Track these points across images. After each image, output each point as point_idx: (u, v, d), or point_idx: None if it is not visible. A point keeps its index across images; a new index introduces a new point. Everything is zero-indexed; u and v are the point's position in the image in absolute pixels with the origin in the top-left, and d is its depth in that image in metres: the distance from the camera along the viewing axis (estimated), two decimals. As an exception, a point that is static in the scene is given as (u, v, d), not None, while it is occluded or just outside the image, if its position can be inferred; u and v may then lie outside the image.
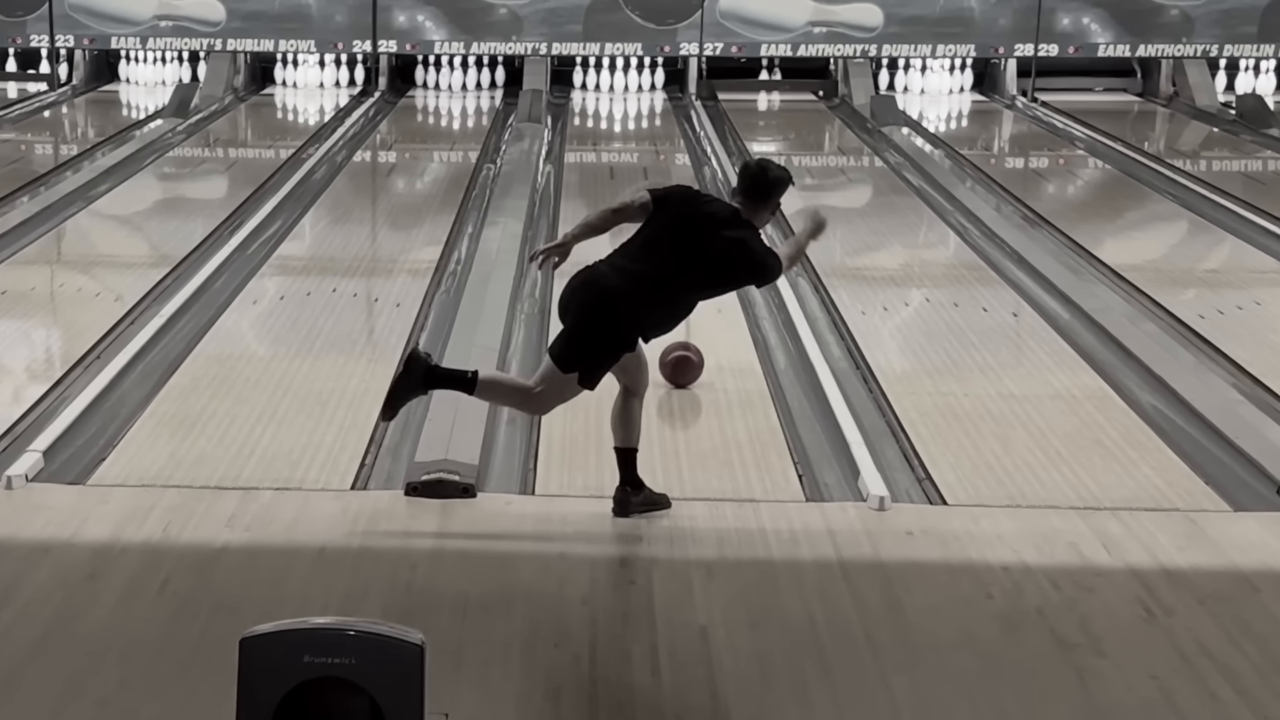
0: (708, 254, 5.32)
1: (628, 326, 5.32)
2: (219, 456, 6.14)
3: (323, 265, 9.77)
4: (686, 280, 5.34)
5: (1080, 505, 5.75)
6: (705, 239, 5.34)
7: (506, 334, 7.87)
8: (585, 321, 5.32)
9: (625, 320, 5.31)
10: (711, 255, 5.33)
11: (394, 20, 17.45)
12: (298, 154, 13.60)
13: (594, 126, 16.46)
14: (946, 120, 16.96)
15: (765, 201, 5.53)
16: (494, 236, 9.95)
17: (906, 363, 7.76)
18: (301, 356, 7.65)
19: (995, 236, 10.40)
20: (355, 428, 6.50)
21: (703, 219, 5.41)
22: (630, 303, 5.28)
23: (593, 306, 5.30)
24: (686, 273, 5.32)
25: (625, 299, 5.27)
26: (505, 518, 5.53)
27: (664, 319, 5.39)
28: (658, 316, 5.36)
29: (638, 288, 5.28)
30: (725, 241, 5.36)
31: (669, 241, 5.34)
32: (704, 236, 5.35)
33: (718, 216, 5.44)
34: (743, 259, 5.39)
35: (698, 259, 5.32)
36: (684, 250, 5.33)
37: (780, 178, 5.56)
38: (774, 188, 5.53)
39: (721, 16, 17.41)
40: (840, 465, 6.20)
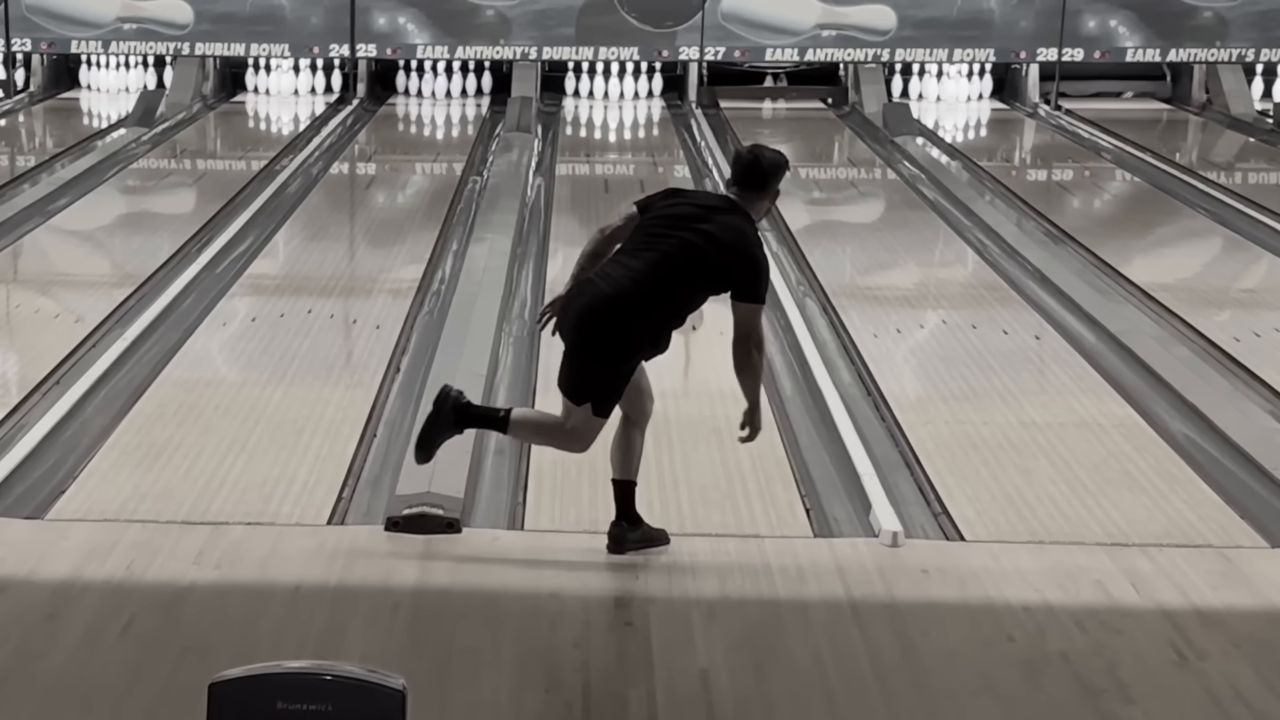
0: (699, 242, 5.31)
1: (626, 333, 5.31)
2: (186, 489, 6.16)
3: (297, 285, 9.79)
4: (681, 274, 5.30)
5: (1107, 541, 5.77)
6: (695, 226, 5.34)
7: (494, 358, 7.89)
8: (581, 338, 5.33)
9: (622, 325, 5.30)
10: (703, 243, 5.30)
11: (373, 23, 17.50)
12: (271, 166, 13.64)
13: (587, 136, 16.51)
14: (964, 130, 17.02)
15: (762, 190, 5.47)
16: (480, 254, 9.98)
17: (921, 389, 7.79)
18: (275, 382, 7.68)
19: (1016, 254, 10.44)
20: (332, 458, 6.52)
21: (691, 207, 5.44)
22: (624, 305, 5.29)
23: (586, 319, 5.31)
24: (680, 265, 5.30)
25: (618, 302, 5.28)
26: (492, 554, 5.55)
27: (663, 320, 5.34)
28: (656, 318, 5.31)
29: (632, 288, 5.28)
30: (718, 226, 5.34)
31: (659, 236, 5.36)
32: (694, 223, 5.35)
33: (708, 205, 5.47)
34: (738, 245, 5.32)
35: (689, 248, 5.31)
36: (674, 241, 5.33)
37: (777, 162, 5.50)
38: (771, 174, 5.47)
39: (723, 19, 17.47)
40: (850, 498, 6.22)
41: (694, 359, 8.07)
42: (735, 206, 5.43)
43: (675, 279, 5.32)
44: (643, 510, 5.57)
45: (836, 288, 9.55)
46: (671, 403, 7.12)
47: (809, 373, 7.76)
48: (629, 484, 5.51)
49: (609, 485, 5.53)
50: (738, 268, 5.31)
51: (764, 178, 5.47)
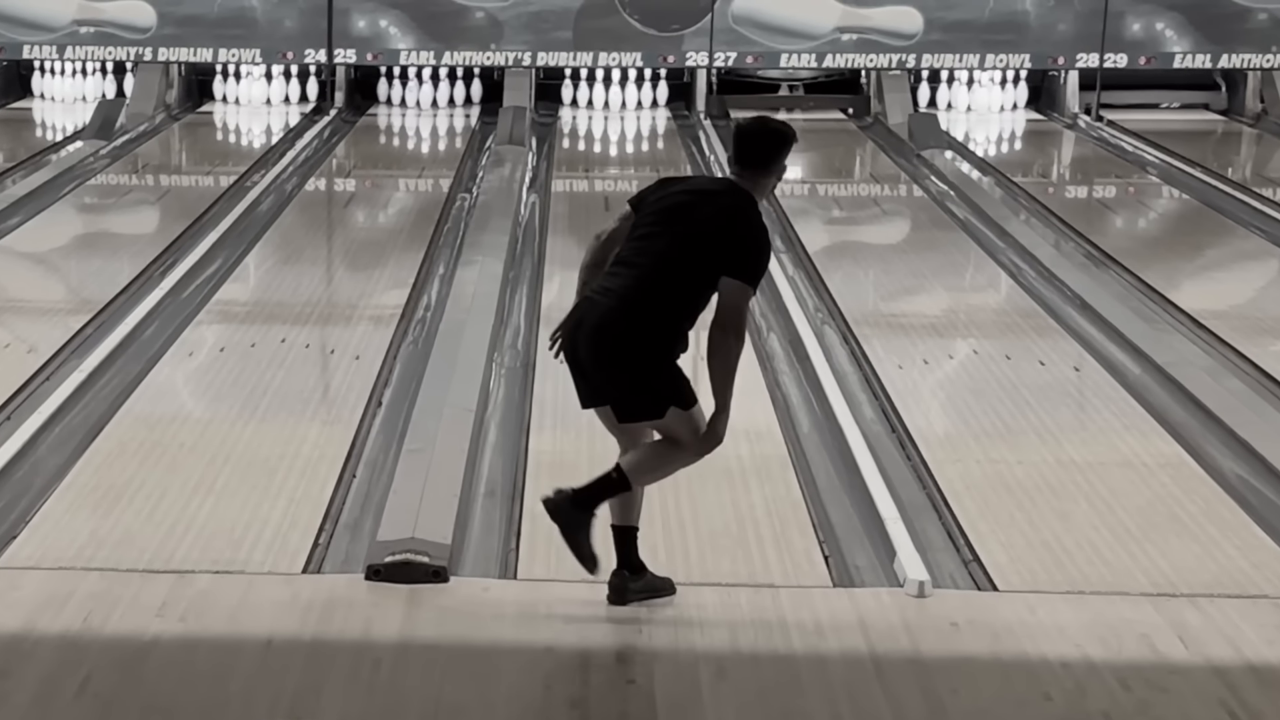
0: (694, 233, 5.32)
1: (645, 341, 5.32)
2: (148, 534, 6.18)
3: (270, 311, 9.83)
4: (681, 270, 5.31)
5: (1153, 591, 5.79)
6: (689, 216, 5.36)
7: (484, 392, 7.92)
8: (605, 358, 5.33)
9: (637, 336, 5.32)
10: (699, 233, 5.32)
11: (352, 26, 17.56)
12: (241, 182, 13.68)
13: (586, 149, 16.56)
14: (997, 142, 17.07)
15: (766, 167, 5.46)
16: (469, 278, 10.01)
17: (950, 425, 7.81)
18: (245, 418, 7.70)
19: (1054, 278, 10.47)
20: (307, 500, 6.54)
21: (685, 195, 5.46)
22: (632, 316, 5.30)
23: (601, 340, 5.32)
24: (678, 262, 5.31)
25: (625, 314, 5.30)
26: (483, 606, 5.56)
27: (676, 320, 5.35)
28: (669, 320, 5.33)
29: (636, 297, 5.31)
30: (714, 211, 5.36)
31: (653, 235, 5.38)
32: (688, 213, 5.37)
33: (704, 190, 5.50)
34: (734, 224, 5.33)
35: (684, 243, 5.32)
36: (668, 239, 5.35)
37: (781, 133, 5.49)
38: (775, 150, 5.46)
39: (734, 22, 17.52)
40: (873, 544, 6.23)
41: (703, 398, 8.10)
42: (734, 188, 5.44)
43: (676, 277, 5.33)
44: (646, 557, 5.59)
45: (858, 315, 9.58)
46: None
47: (828, 407, 7.78)
48: (630, 530, 5.53)
49: (609, 531, 5.55)
50: (733, 244, 5.31)
51: (767, 155, 5.46)
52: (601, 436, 6.97)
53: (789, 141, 5.49)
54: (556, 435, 7.46)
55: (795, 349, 8.83)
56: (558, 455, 7.17)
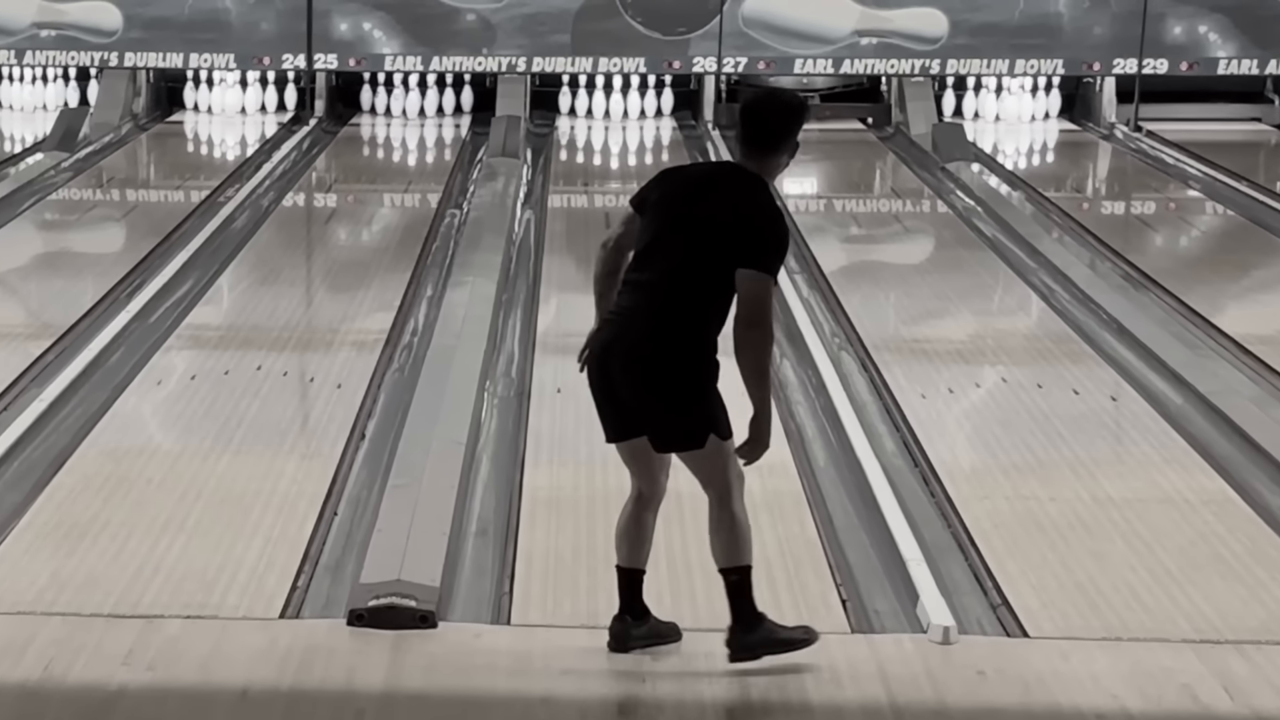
0: (703, 230, 5.29)
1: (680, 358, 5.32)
2: (114, 576, 6.19)
3: (245, 336, 9.85)
4: (700, 264, 5.27)
5: (1196, 638, 5.80)
6: (696, 211, 5.33)
7: (475, 423, 7.93)
8: (639, 384, 5.34)
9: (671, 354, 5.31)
10: (708, 228, 5.28)
11: (334, 29, 17.59)
12: (213, 197, 13.71)
13: (585, 162, 16.59)
14: (1028, 154, 17.09)
15: (775, 145, 5.41)
16: (459, 300, 10.03)
17: (977, 459, 7.83)
18: (218, 451, 7.72)
19: (1089, 300, 10.48)
20: (285, 540, 6.56)
21: (688, 187, 5.42)
22: (662, 333, 5.29)
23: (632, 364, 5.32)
24: (694, 254, 5.27)
25: (653, 333, 5.30)
26: (474, 654, 5.57)
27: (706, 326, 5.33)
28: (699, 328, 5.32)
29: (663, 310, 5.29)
30: (721, 200, 5.33)
31: (663, 230, 5.34)
32: (694, 208, 5.34)
33: (708, 177, 5.48)
34: (745, 211, 5.29)
35: (695, 242, 5.28)
36: (680, 229, 5.31)
37: (792, 107, 5.45)
38: (786, 125, 5.40)
39: (745, 24, 17.54)
40: (894, 587, 6.25)
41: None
42: (738, 171, 5.41)
43: (694, 281, 5.30)
44: (650, 601, 5.60)
45: (878, 340, 9.59)
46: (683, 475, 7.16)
47: (845, 440, 7.79)
48: (638, 573, 5.54)
49: (610, 572, 5.56)
50: (744, 231, 5.28)
51: (776, 133, 5.40)
52: (600, 471, 6.99)
53: (800, 115, 5.43)
54: (553, 470, 7.47)
55: (810, 377, 8.85)
56: (554, 491, 7.18)
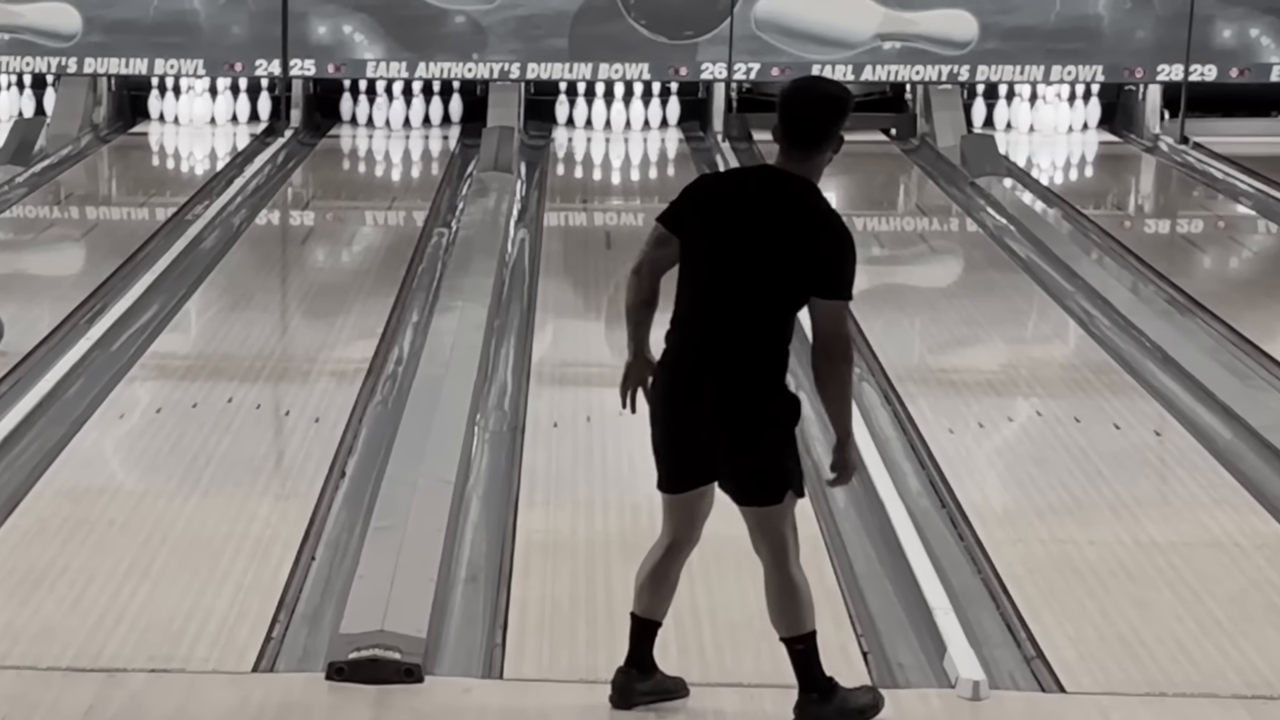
0: (768, 244, 5.23)
1: (763, 392, 5.32)
2: (73, 626, 6.20)
3: (214, 366, 9.86)
4: (768, 293, 5.25)
5: (1248, 693, 5.80)
6: (758, 218, 5.25)
7: (465, 461, 7.94)
8: (728, 424, 5.32)
9: (754, 388, 5.31)
10: (772, 241, 5.23)
11: (311, 33, 17.60)
12: (180, 214, 13.72)
13: (584, 177, 16.60)
14: (1065, 168, 17.10)
15: (819, 139, 5.29)
16: (448, 327, 10.04)
17: (1010, 499, 7.83)
18: (185, 490, 7.72)
19: (1131, 327, 10.49)
20: (258, 587, 6.56)
21: (734, 201, 5.33)
22: (741, 364, 5.29)
23: (724, 418, 5.31)
24: (761, 284, 5.24)
25: (734, 375, 5.28)
26: (463, 710, 5.57)
27: (780, 356, 5.33)
28: (772, 360, 5.33)
29: (740, 338, 5.28)
30: (779, 216, 5.26)
31: (721, 253, 5.27)
32: (756, 218, 5.26)
33: (759, 188, 5.34)
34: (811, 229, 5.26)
35: (760, 259, 5.23)
36: (743, 252, 5.24)
37: (837, 97, 5.33)
38: (832, 117, 5.30)
39: (758, 27, 17.55)
40: (920, 638, 6.25)
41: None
42: (788, 180, 5.31)
43: (765, 313, 5.28)
44: (656, 653, 5.60)
45: (902, 370, 9.60)
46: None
47: (867, 478, 7.79)
48: (654, 625, 5.54)
49: (609, 622, 5.58)
50: (818, 257, 5.26)
51: (822, 126, 5.30)
52: (600, 512, 7.03)
53: (845, 104, 5.34)
54: (549, 511, 7.48)
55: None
56: (550, 534, 7.19)
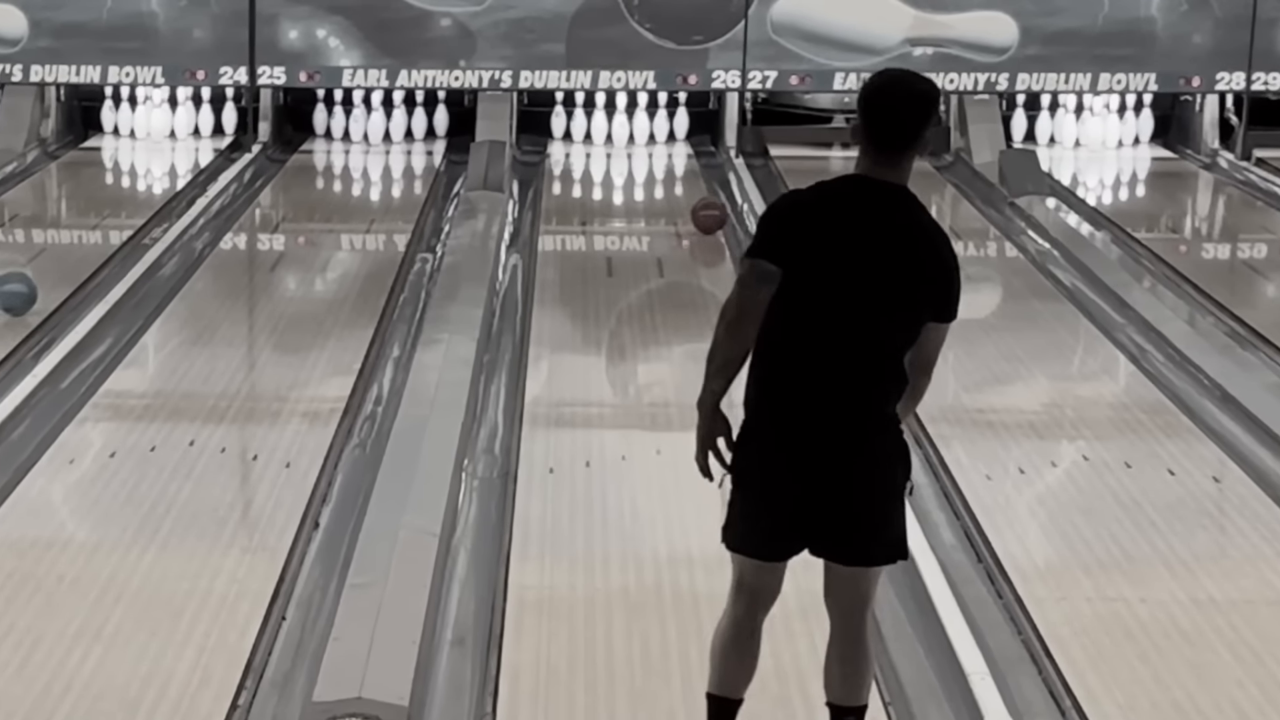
0: (893, 262, 5.23)
1: (889, 444, 5.39)
2: (17, 694, 6.19)
3: (174, 405, 9.86)
4: (894, 323, 5.27)
5: (1316, 767, 5.83)
6: (874, 240, 5.22)
7: (451, 510, 7.94)
8: (856, 478, 5.35)
9: (883, 439, 5.37)
10: (897, 259, 5.23)
11: (281, 37, 17.61)
12: (137, 238, 13.73)
13: (582, 197, 16.62)
14: (1114, 187, 17.12)
15: (912, 142, 5.28)
16: (432, 362, 10.05)
17: (1053, 552, 7.84)
18: (142, 543, 7.73)
19: (1188, 363, 10.50)
20: (223, 649, 6.57)
21: (851, 219, 5.26)
22: (873, 413, 5.32)
23: (855, 478, 5.34)
24: (888, 311, 5.25)
25: (866, 412, 5.31)
26: (449, 785, 5.60)
27: (893, 393, 5.37)
28: (894, 403, 5.38)
29: (864, 394, 5.29)
30: (898, 231, 5.25)
31: (837, 284, 5.23)
32: (871, 239, 5.22)
33: (868, 205, 5.28)
34: (928, 250, 5.29)
35: (886, 279, 5.22)
36: (864, 280, 5.22)
37: (927, 91, 5.31)
38: (924, 115, 5.27)
39: (774, 31, 17.57)
40: (953, 706, 6.27)
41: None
42: (892, 192, 5.28)
43: (892, 349, 5.32)
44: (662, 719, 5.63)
45: (934, 410, 9.59)
46: (700, 573, 7.18)
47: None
48: (737, 706, 5.58)
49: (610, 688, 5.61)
50: (938, 279, 5.33)
51: (913, 126, 5.27)
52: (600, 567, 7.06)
53: (938, 103, 5.37)
54: (544, 566, 7.49)
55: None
56: (546, 591, 7.20)
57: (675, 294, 12.90)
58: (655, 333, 11.40)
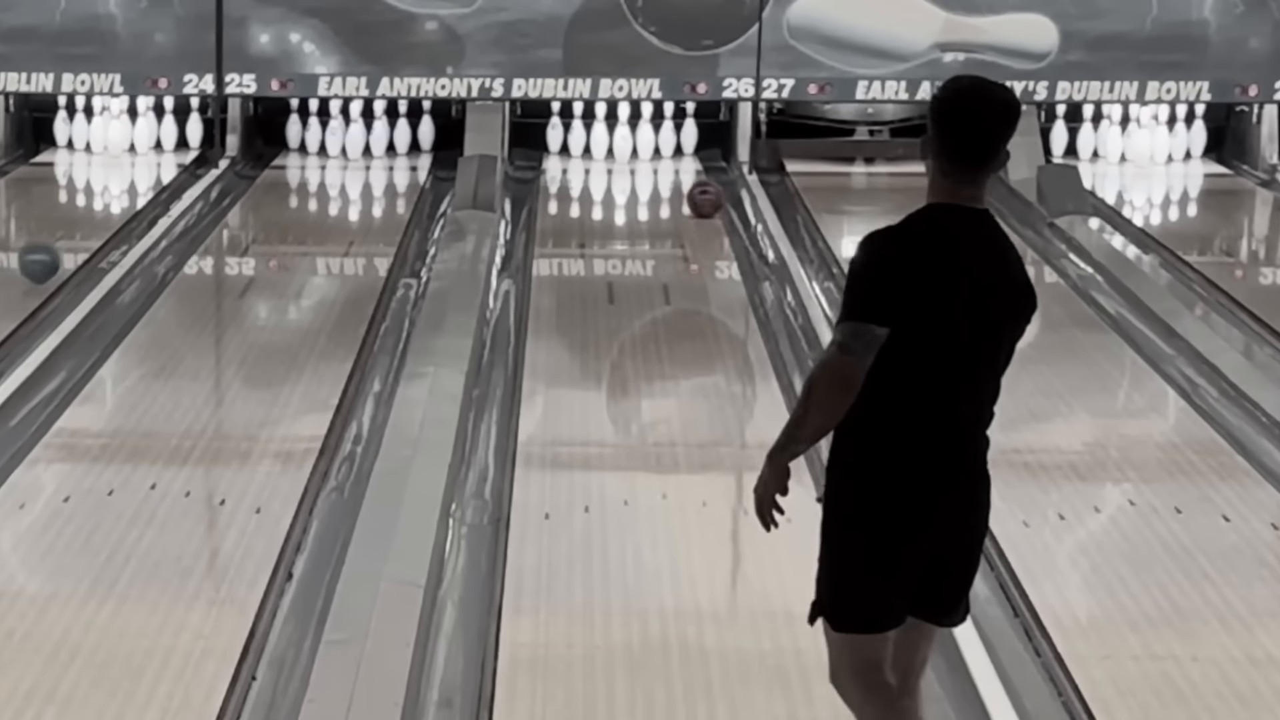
0: (1005, 302, 5.25)
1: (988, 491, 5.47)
2: (-36, 760, 6.25)
3: (135, 446, 9.88)
4: (999, 360, 5.36)
5: (1383, 841, 5.84)
6: (988, 280, 5.20)
7: (437, 560, 7.95)
8: (973, 547, 5.50)
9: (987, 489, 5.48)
10: (1007, 297, 5.25)
11: (251, 42, 17.64)
12: (94, 261, 13.75)
13: (581, 217, 16.63)
14: (1163, 205, 17.12)
15: (997, 156, 5.22)
16: (416, 397, 10.06)
17: (1097, 605, 7.85)
18: (99, 596, 7.73)
19: (1244, 398, 10.51)
20: (188, 711, 6.57)
21: (949, 259, 5.18)
22: (980, 465, 5.42)
23: (976, 540, 5.48)
24: (1000, 355, 5.33)
25: (975, 470, 5.42)
26: None
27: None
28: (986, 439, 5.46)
29: (978, 454, 5.40)
30: (1002, 262, 5.26)
31: (951, 333, 5.19)
32: (986, 279, 5.20)
33: (957, 234, 5.24)
34: (1019, 266, 5.33)
35: (1001, 323, 5.26)
36: (982, 329, 5.22)
37: (1011, 101, 5.25)
38: (1010, 127, 5.22)
39: (791, 35, 17.58)
40: (988, 774, 6.30)
41: (746, 566, 8.16)
42: (981, 216, 5.27)
43: (998, 382, 5.42)
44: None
45: (966, 450, 9.64)
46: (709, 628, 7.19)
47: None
48: None
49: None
50: (1030, 301, 5.37)
51: (1000, 140, 5.22)
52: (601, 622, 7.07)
53: (1016, 113, 5.29)
54: (539, 621, 7.50)
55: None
56: (540, 648, 7.21)
57: (683, 323, 12.90)
58: (661, 366, 11.39)
